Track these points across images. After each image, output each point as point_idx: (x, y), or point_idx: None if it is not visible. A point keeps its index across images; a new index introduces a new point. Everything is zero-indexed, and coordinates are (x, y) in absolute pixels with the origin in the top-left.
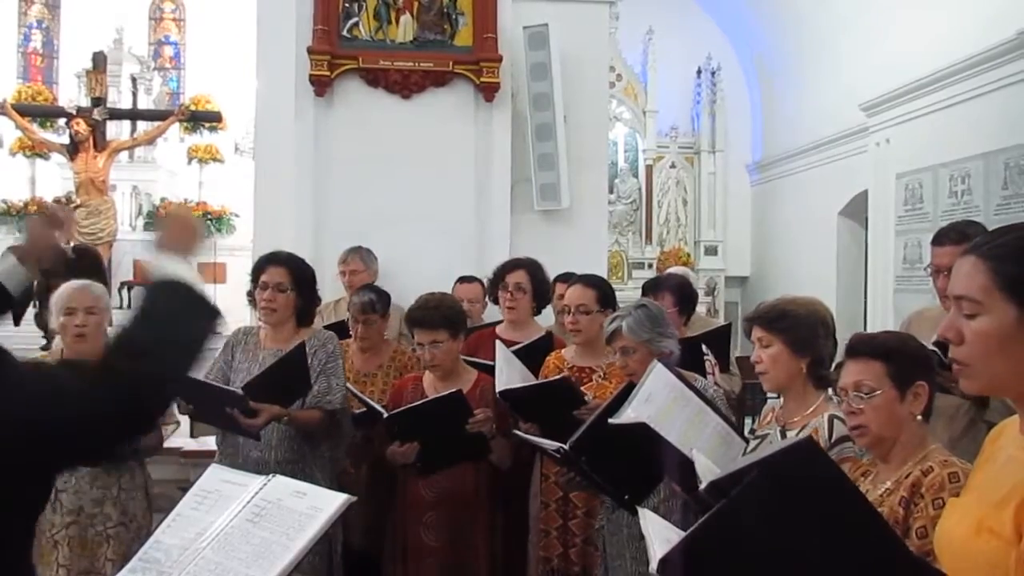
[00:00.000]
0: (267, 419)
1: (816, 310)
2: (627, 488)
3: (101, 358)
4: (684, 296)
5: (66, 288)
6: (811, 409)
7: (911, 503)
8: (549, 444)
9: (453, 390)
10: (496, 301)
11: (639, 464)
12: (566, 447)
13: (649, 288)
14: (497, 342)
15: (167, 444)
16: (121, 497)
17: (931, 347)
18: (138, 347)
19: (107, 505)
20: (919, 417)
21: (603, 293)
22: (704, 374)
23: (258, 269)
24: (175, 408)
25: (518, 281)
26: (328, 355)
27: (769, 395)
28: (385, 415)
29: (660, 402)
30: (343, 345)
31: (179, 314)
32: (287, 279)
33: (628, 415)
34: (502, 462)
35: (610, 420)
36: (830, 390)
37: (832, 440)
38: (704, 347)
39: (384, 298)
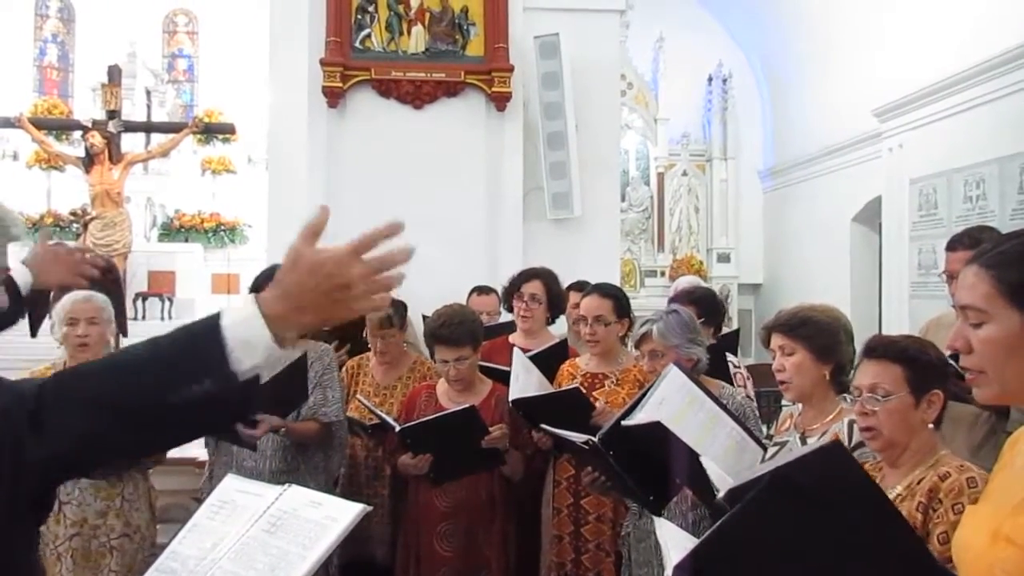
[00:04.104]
0: (266, 430)
1: (837, 316)
2: (652, 489)
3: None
4: (710, 308)
5: (68, 299)
6: (831, 416)
7: (929, 509)
8: (577, 437)
9: (466, 406)
10: (511, 310)
11: (662, 466)
12: (595, 439)
13: (675, 302)
14: (515, 349)
15: (182, 454)
16: (125, 508)
17: (948, 355)
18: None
19: (111, 516)
20: (931, 425)
21: (619, 303)
22: (730, 382)
23: (259, 284)
24: None
25: (533, 292)
26: (324, 367)
27: (783, 402)
28: (397, 428)
29: (674, 406)
30: (362, 359)
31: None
32: None
33: (641, 418)
34: (514, 474)
35: (623, 423)
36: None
37: (852, 444)
38: (735, 359)
39: (400, 309)
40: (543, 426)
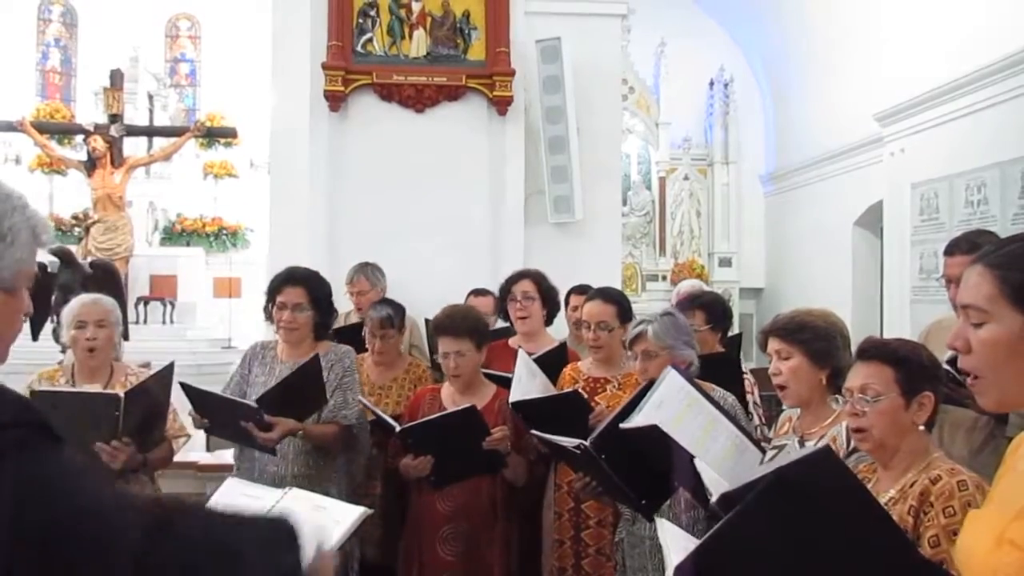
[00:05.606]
0: (282, 433)
1: (834, 321)
2: (645, 493)
3: None
4: (717, 313)
5: (77, 302)
6: (829, 419)
7: (920, 512)
8: (568, 441)
9: (468, 405)
10: (507, 317)
11: (655, 469)
12: (586, 443)
13: (680, 308)
14: (520, 351)
15: (183, 458)
16: None
17: (946, 360)
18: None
19: None
20: (922, 427)
21: (622, 308)
22: (742, 393)
23: (275, 288)
24: (188, 421)
25: (525, 289)
26: (344, 370)
27: (784, 405)
28: (397, 429)
29: (672, 409)
30: (358, 359)
31: None
32: (305, 299)
33: (639, 420)
34: (517, 479)
35: (621, 425)
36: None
37: (850, 448)
38: (743, 366)
39: (400, 311)
40: (534, 432)
